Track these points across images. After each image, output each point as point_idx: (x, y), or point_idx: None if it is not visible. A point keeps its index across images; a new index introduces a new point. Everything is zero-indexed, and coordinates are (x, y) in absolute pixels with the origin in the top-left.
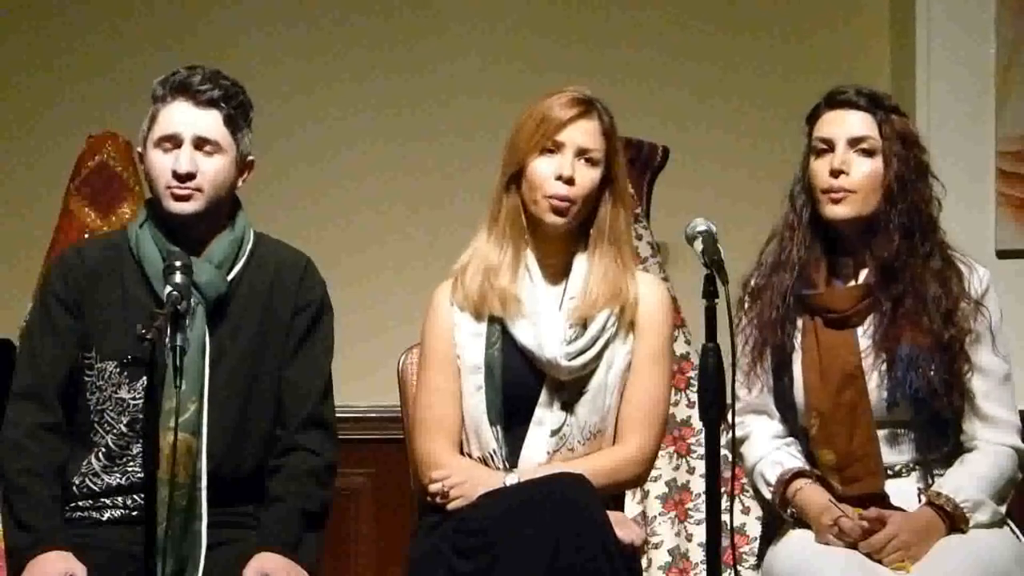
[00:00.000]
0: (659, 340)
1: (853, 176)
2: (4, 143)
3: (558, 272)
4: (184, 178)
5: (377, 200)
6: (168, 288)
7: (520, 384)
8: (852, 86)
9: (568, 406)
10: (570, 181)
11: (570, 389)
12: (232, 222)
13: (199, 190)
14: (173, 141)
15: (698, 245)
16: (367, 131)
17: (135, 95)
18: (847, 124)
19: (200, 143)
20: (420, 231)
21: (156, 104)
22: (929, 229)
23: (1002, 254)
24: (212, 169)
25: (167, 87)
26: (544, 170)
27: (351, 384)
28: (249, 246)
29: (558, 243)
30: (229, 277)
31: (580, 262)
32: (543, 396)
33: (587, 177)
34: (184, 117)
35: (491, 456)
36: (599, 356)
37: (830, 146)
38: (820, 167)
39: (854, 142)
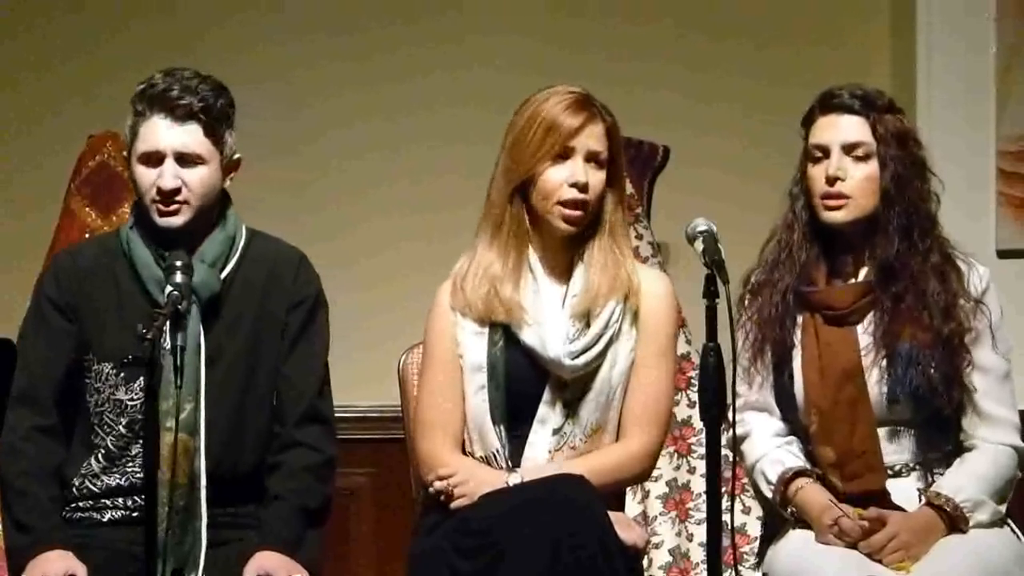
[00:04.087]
0: (664, 336)
1: (849, 182)
2: (6, 143)
3: (561, 270)
4: (169, 194)
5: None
6: (168, 288)
7: (524, 383)
8: (846, 87)
9: (571, 404)
10: (584, 188)
11: (573, 387)
12: (223, 220)
13: (186, 203)
14: (155, 157)
15: (699, 245)
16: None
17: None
18: (841, 129)
19: (181, 158)
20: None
21: (136, 118)
22: (928, 226)
23: (1002, 254)
24: (197, 181)
25: (145, 101)
26: (557, 178)
27: (352, 384)
28: (242, 243)
29: (562, 242)
30: (222, 275)
31: (581, 259)
32: (547, 395)
33: (597, 179)
34: (163, 133)
35: (494, 456)
36: (602, 354)
37: (825, 152)
38: (816, 173)
39: (849, 148)
